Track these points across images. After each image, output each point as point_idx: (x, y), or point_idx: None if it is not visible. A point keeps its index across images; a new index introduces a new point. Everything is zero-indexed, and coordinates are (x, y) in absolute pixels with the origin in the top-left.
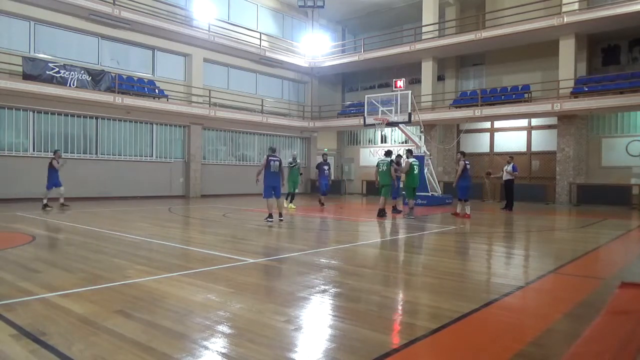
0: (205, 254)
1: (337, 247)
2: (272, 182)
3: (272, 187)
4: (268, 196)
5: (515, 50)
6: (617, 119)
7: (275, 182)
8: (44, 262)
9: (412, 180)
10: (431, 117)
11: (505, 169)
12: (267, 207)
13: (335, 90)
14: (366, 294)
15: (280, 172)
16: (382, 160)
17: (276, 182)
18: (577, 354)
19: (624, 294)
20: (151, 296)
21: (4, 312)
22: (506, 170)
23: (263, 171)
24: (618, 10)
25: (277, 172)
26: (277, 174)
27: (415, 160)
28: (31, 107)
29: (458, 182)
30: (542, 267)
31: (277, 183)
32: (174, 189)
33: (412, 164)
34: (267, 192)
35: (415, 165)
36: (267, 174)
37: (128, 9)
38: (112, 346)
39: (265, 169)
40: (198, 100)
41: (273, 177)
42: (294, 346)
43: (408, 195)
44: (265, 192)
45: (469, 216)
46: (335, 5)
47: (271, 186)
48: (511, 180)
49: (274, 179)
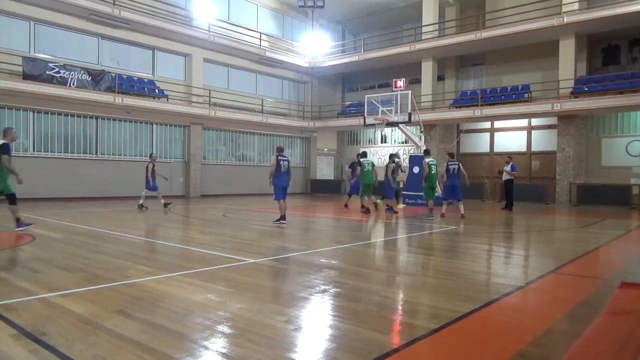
0: (205, 254)
1: (337, 247)
2: (282, 183)
3: (283, 187)
4: (279, 197)
5: (515, 50)
6: (617, 119)
7: (286, 182)
8: (44, 262)
9: (431, 180)
10: (431, 117)
11: (504, 169)
12: (278, 208)
13: (335, 90)
14: (366, 294)
15: (289, 172)
16: (366, 160)
17: (287, 182)
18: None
19: (624, 294)
20: (151, 296)
21: (4, 312)
22: (505, 170)
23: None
24: (618, 10)
25: (286, 172)
26: (287, 174)
27: (433, 160)
28: (31, 107)
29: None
30: (542, 267)
31: (287, 183)
32: (174, 189)
33: (430, 164)
34: (278, 193)
35: (433, 165)
36: (277, 175)
37: (128, 9)
38: (112, 346)
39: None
40: (198, 100)
41: (283, 177)
42: (294, 346)
43: (427, 196)
44: (276, 194)
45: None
46: (335, 5)
47: (282, 187)
48: (511, 180)
49: (284, 179)
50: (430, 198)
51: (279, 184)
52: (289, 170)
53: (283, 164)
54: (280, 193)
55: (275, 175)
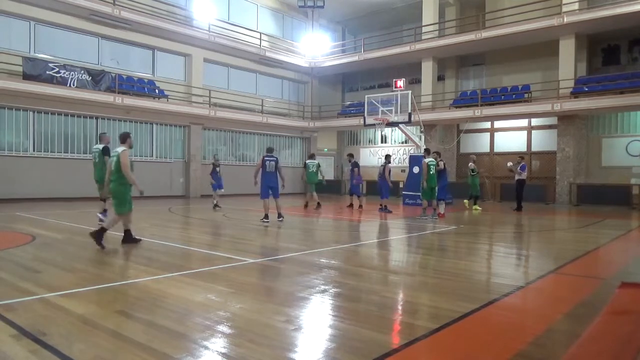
0: (205, 254)
1: (337, 247)
2: (268, 182)
3: (269, 187)
4: (264, 197)
5: (515, 50)
6: (617, 119)
7: (272, 182)
8: (44, 262)
9: (430, 181)
10: (431, 117)
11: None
12: (263, 207)
13: (335, 90)
14: (366, 294)
15: (277, 171)
16: (311, 162)
17: (273, 182)
18: (577, 354)
19: (624, 294)
20: (151, 296)
21: (4, 312)
22: (515, 170)
23: (260, 171)
24: (618, 10)
25: (273, 172)
26: (274, 174)
27: (433, 160)
28: (31, 107)
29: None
30: (542, 267)
31: (273, 183)
32: (174, 189)
33: (429, 164)
34: (264, 193)
35: (432, 165)
36: (262, 174)
37: (128, 9)
38: (112, 346)
39: (261, 169)
40: (198, 100)
41: (269, 177)
42: (294, 346)
43: (425, 196)
44: (262, 193)
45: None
46: (335, 6)
47: (267, 186)
48: (523, 180)
49: (269, 179)
50: (427, 198)
51: (264, 183)
52: (277, 170)
53: (269, 164)
54: (265, 192)
55: (261, 175)
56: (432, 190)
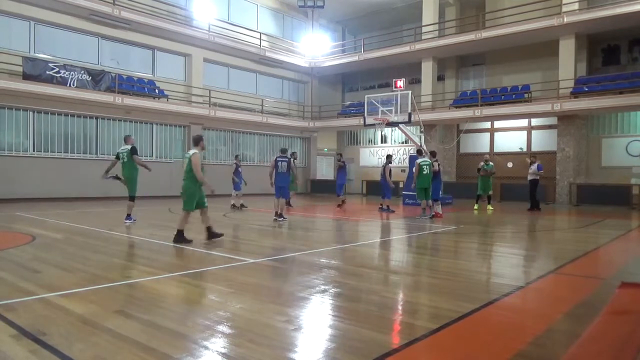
0: (205, 254)
1: (337, 247)
2: (278, 182)
3: (279, 187)
4: (278, 196)
5: (515, 50)
6: (617, 119)
7: (282, 182)
8: (44, 262)
9: (422, 181)
10: (431, 117)
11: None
12: (273, 205)
13: (335, 90)
14: (366, 294)
15: (289, 171)
16: None
17: (283, 182)
18: (577, 354)
19: (624, 294)
20: (151, 296)
21: (4, 312)
22: (530, 170)
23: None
24: (618, 10)
25: (284, 173)
26: (285, 174)
27: (426, 160)
28: (31, 107)
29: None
30: (542, 267)
31: (284, 183)
32: (174, 189)
33: (421, 165)
34: (276, 192)
35: (425, 165)
36: (275, 175)
37: (128, 9)
38: (112, 346)
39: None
40: (198, 100)
41: (280, 177)
42: (294, 346)
43: (419, 197)
44: (276, 192)
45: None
46: (335, 5)
47: (277, 186)
48: (536, 180)
49: (281, 179)
50: (422, 199)
51: (275, 184)
52: (289, 171)
53: (281, 164)
54: (276, 191)
55: (274, 175)
56: (424, 191)
